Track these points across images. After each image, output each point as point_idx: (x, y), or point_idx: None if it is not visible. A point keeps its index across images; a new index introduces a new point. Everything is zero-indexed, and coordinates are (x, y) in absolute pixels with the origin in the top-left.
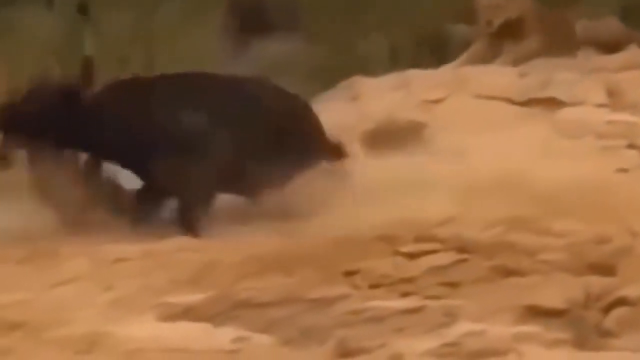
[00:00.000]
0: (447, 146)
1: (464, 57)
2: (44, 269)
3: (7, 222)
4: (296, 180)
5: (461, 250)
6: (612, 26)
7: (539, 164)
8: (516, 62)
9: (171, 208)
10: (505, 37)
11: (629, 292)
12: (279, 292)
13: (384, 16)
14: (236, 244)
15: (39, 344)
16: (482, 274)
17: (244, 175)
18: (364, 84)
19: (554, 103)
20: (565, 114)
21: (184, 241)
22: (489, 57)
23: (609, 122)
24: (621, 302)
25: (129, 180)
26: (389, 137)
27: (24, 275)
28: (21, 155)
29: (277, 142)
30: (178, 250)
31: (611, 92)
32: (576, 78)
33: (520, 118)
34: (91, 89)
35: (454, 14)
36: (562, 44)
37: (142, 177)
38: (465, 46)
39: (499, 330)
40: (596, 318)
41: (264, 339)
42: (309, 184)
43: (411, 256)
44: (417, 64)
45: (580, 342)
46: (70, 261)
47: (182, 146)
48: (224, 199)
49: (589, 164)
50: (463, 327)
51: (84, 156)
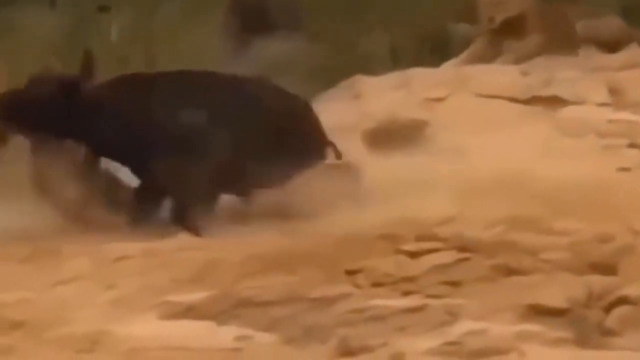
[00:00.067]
0: (449, 145)
1: (465, 54)
2: (45, 268)
3: (8, 221)
4: (296, 180)
5: (463, 249)
6: (613, 25)
7: (540, 162)
8: (518, 61)
9: (170, 207)
10: (507, 35)
11: (630, 291)
12: (281, 291)
13: (385, 15)
14: (238, 242)
15: (40, 343)
16: (483, 273)
17: (243, 175)
18: (365, 83)
19: (555, 102)
20: (566, 112)
21: (185, 240)
22: (490, 55)
23: (611, 121)
24: (623, 301)
25: (129, 176)
26: (390, 136)
27: (25, 274)
28: (23, 149)
29: (277, 142)
30: (180, 249)
31: (613, 91)
32: (578, 77)
33: (521, 117)
34: (91, 82)
35: (455, 12)
36: (563, 41)
37: (139, 175)
38: (467, 45)
39: (501, 329)
40: (598, 317)
41: (266, 338)
42: (309, 183)
43: (413, 255)
44: (418, 62)
45: (582, 341)
46: (72, 260)
47: (181, 145)
48: (224, 199)
49: (590, 163)
50: (465, 326)
51: (83, 150)
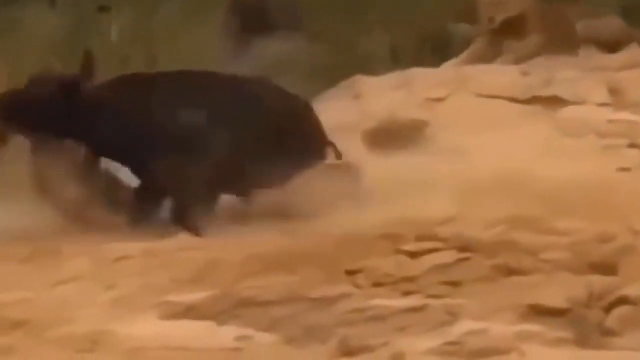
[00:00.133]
0: (449, 145)
1: (465, 54)
2: (45, 267)
3: (8, 221)
4: (296, 180)
5: (463, 249)
6: (613, 25)
7: (540, 162)
8: (518, 61)
9: (170, 207)
10: (507, 35)
11: (630, 291)
12: (281, 291)
13: (385, 15)
14: (238, 242)
15: (40, 342)
16: (484, 272)
17: (243, 175)
18: (365, 83)
19: (555, 102)
20: (566, 112)
21: (185, 240)
22: (490, 55)
23: (611, 121)
24: (623, 300)
25: (129, 176)
26: (390, 136)
27: (26, 274)
28: (23, 149)
29: (277, 142)
30: (180, 249)
31: (613, 91)
32: (578, 76)
33: (521, 117)
34: (92, 82)
35: (455, 12)
36: (563, 41)
37: (139, 175)
38: (467, 45)
39: (501, 329)
40: (598, 317)
41: (266, 338)
42: (309, 183)
43: (413, 255)
44: (418, 62)
45: (582, 341)
46: (72, 260)
47: (180, 145)
48: (224, 199)
49: (590, 162)
50: (465, 325)
51: (83, 150)
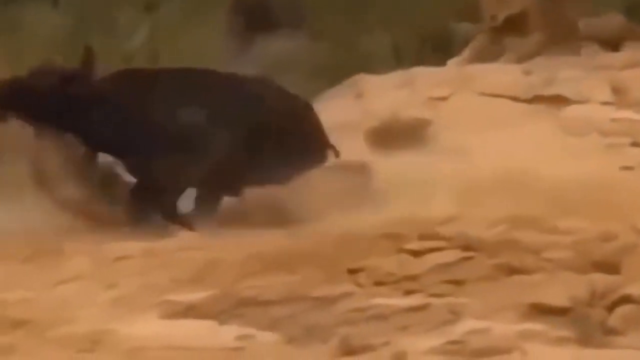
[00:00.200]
0: (452, 144)
1: (468, 53)
2: (46, 267)
3: (8, 221)
4: (297, 180)
5: (465, 248)
6: (615, 22)
7: (543, 161)
8: (520, 60)
9: (161, 201)
10: (509, 32)
11: (633, 289)
12: (282, 290)
13: (387, 14)
14: (238, 242)
15: (41, 342)
16: (486, 272)
17: (243, 175)
18: (368, 82)
19: (558, 101)
20: (569, 111)
21: (186, 240)
22: (492, 54)
23: (614, 120)
24: (626, 299)
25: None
26: (393, 134)
27: (27, 273)
28: (23, 149)
29: (277, 142)
30: (180, 248)
31: (616, 90)
32: (581, 75)
33: (524, 116)
34: (92, 76)
35: (457, 11)
36: (565, 38)
37: (134, 172)
38: (469, 44)
39: (503, 328)
40: (601, 316)
41: (267, 337)
42: (310, 183)
43: (415, 254)
44: (420, 61)
45: (585, 340)
46: (73, 260)
47: (179, 143)
48: (225, 200)
49: (593, 161)
50: (467, 325)
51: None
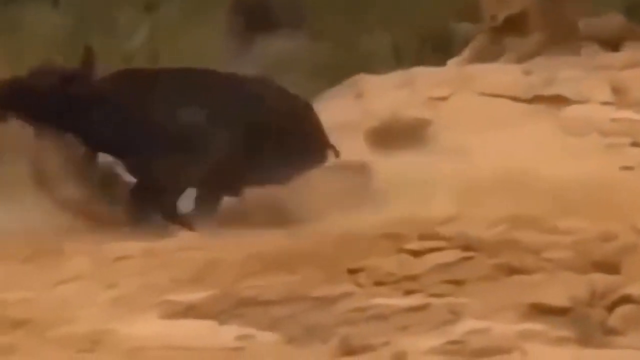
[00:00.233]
0: (452, 144)
1: (468, 53)
2: (46, 267)
3: (8, 221)
4: (297, 180)
5: (466, 248)
6: (614, 22)
7: (543, 161)
8: (520, 59)
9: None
10: (509, 32)
11: (633, 289)
12: (282, 290)
13: (387, 14)
14: (238, 242)
15: (41, 342)
16: (486, 272)
17: (244, 175)
18: (368, 82)
19: (558, 101)
20: (569, 111)
21: (186, 239)
22: (493, 54)
23: (614, 120)
24: (626, 299)
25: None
26: (393, 134)
27: (27, 273)
28: (23, 149)
29: (277, 141)
30: (180, 248)
31: (616, 90)
32: (581, 75)
33: (524, 116)
34: (92, 76)
35: (458, 11)
36: (564, 38)
37: (135, 172)
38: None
39: (503, 328)
40: (601, 316)
41: (267, 337)
42: (310, 183)
43: (416, 254)
44: (421, 61)
45: (585, 340)
46: (73, 260)
47: (179, 143)
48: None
49: (593, 161)
50: (467, 325)
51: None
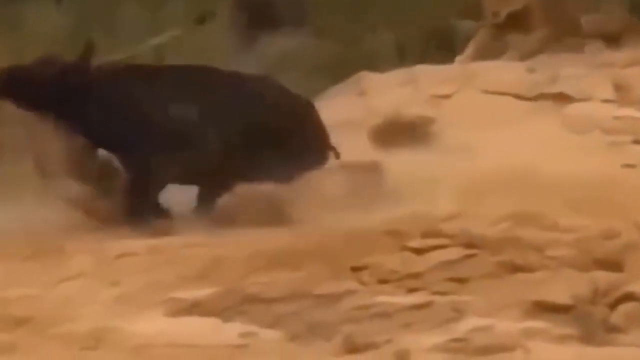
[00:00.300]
0: (455, 142)
1: (470, 50)
2: (49, 265)
3: (10, 220)
4: (299, 179)
5: (469, 245)
6: (617, 18)
7: (546, 159)
8: (523, 57)
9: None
10: (512, 29)
11: (636, 287)
12: (286, 288)
13: (390, 11)
14: (243, 239)
15: (44, 340)
16: (489, 269)
17: (244, 173)
18: (371, 80)
19: (561, 98)
20: (572, 109)
21: (190, 237)
22: (495, 51)
23: (616, 118)
24: (628, 297)
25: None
26: (396, 132)
27: (30, 271)
28: (22, 149)
29: (278, 140)
30: (184, 245)
31: (618, 88)
32: (584, 73)
33: (527, 113)
34: (90, 67)
35: (460, 9)
36: (567, 34)
37: (130, 167)
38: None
39: (506, 326)
40: (603, 313)
41: (271, 334)
42: (315, 181)
43: (419, 251)
44: (424, 59)
45: (587, 338)
46: (76, 257)
47: (178, 141)
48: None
49: (596, 159)
50: (470, 322)
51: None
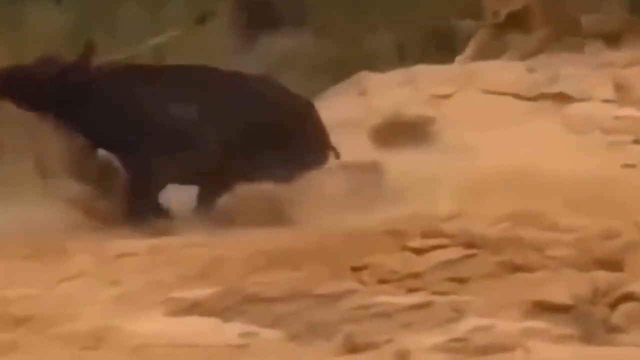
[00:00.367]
0: (455, 141)
1: (470, 50)
2: (49, 265)
3: (10, 220)
4: (299, 179)
5: (469, 245)
6: (616, 17)
7: (546, 159)
8: (523, 57)
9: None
10: (512, 29)
11: (636, 287)
12: (286, 287)
13: (390, 11)
14: (243, 239)
15: (44, 339)
16: (489, 269)
17: (244, 173)
18: (371, 79)
19: (561, 98)
20: (572, 109)
21: (190, 237)
22: (495, 50)
23: (616, 118)
24: (628, 297)
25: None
26: (396, 132)
27: (30, 271)
28: (22, 149)
29: (278, 140)
30: (185, 245)
31: (618, 88)
32: (584, 73)
33: (528, 113)
34: (89, 66)
35: (460, 9)
36: (567, 34)
37: (129, 167)
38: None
39: (507, 326)
40: (603, 313)
41: (271, 334)
42: (315, 181)
43: (419, 251)
44: (423, 59)
45: (588, 338)
46: (76, 257)
47: (178, 141)
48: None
49: (596, 159)
50: (470, 322)
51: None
